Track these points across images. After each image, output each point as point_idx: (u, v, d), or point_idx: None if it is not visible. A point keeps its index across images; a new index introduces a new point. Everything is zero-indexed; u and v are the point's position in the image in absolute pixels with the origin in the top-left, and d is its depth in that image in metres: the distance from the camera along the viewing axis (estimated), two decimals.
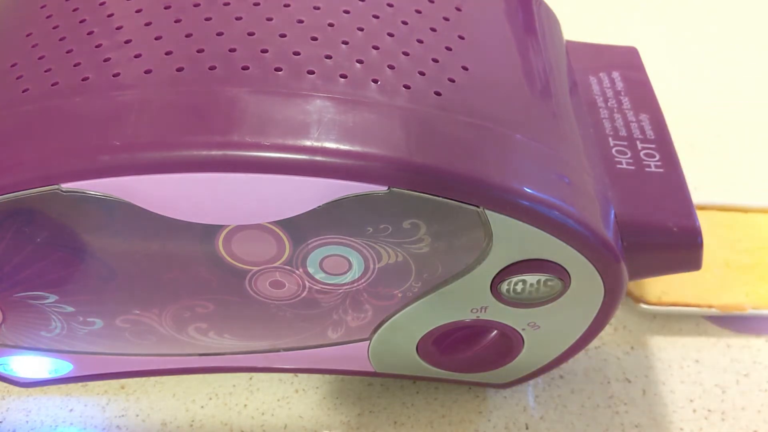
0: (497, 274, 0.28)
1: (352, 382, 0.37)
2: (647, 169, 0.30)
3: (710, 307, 0.39)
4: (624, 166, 0.30)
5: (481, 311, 0.30)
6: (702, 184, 0.46)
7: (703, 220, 0.42)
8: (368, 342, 0.32)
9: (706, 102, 0.50)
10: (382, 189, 0.24)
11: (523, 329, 0.31)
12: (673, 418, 0.37)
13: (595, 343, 0.39)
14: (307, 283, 0.28)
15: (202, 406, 0.36)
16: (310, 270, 0.28)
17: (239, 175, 0.24)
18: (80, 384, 0.37)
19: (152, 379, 0.37)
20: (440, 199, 0.25)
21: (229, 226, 0.26)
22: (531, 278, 0.28)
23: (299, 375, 0.37)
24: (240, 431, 0.36)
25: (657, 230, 0.29)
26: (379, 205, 0.25)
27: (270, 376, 0.37)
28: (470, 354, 0.33)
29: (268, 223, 0.25)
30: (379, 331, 0.31)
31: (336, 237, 0.26)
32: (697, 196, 0.45)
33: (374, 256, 0.27)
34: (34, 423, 0.36)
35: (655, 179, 0.30)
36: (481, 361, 0.34)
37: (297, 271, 0.28)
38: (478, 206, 0.25)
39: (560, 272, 0.27)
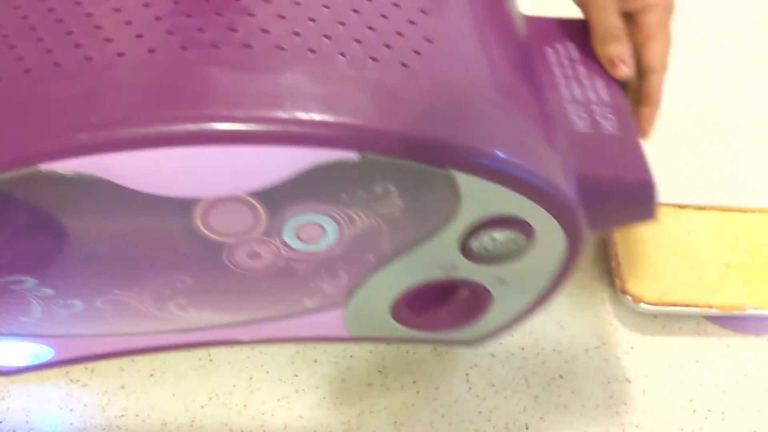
0: (466, 233, 0.29)
1: (352, 382, 0.37)
2: (604, 131, 0.32)
3: (710, 307, 0.39)
4: (582, 128, 0.32)
5: (451, 270, 0.31)
6: (702, 184, 0.46)
7: (703, 220, 0.43)
8: (343, 308, 0.33)
9: (706, 103, 0.50)
10: (354, 155, 0.25)
11: (492, 286, 0.32)
12: (673, 418, 0.37)
13: (594, 343, 0.39)
14: (283, 253, 0.29)
15: (202, 406, 0.36)
16: (286, 239, 0.28)
17: (214, 148, 0.24)
18: (80, 384, 0.37)
19: (152, 378, 0.37)
20: (410, 162, 0.26)
21: (206, 199, 0.26)
22: (498, 235, 0.29)
23: (299, 375, 0.37)
24: (240, 431, 0.36)
25: (614, 185, 0.30)
26: (352, 171, 0.26)
27: (270, 376, 0.37)
28: (442, 313, 0.35)
29: (245, 194, 0.26)
30: (354, 296, 0.32)
31: (310, 205, 0.27)
32: (697, 196, 0.45)
33: (348, 222, 0.28)
34: (34, 423, 0.36)
35: (612, 139, 0.31)
36: (452, 320, 0.35)
37: (274, 241, 0.28)
38: (446, 168, 0.26)
39: (525, 227, 0.29)
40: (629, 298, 0.39)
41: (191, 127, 0.24)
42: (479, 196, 0.27)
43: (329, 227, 0.28)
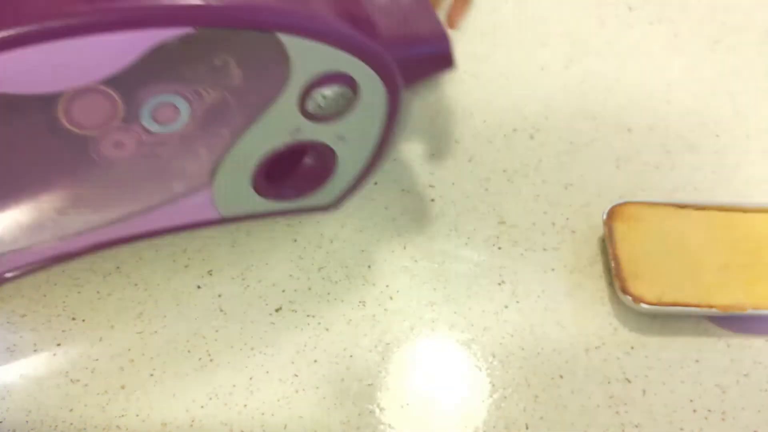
0: (301, 93, 0.33)
1: (352, 382, 0.37)
2: (401, 2, 0.37)
3: (710, 307, 0.39)
4: (382, 1, 0.37)
5: (296, 133, 0.35)
6: (702, 184, 0.46)
7: (703, 220, 0.43)
8: (210, 188, 0.37)
9: (706, 103, 0.50)
10: (190, 30, 0.28)
11: (334, 143, 0.37)
12: (673, 418, 0.37)
13: (595, 342, 0.39)
14: (144, 138, 0.32)
15: (202, 406, 0.36)
16: (145, 123, 0.31)
17: (64, 41, 0.26)
18: (80, 384, 0.37)
19: (152, 378, 0.37)
20: (241, 31, 0.29)
21: (64, 93, 0.28)
22: (328, 91, 0.33)
23: (299, 375, 0.37)
24: (240, 431, 0.36)
25: (415, 40, 0.36)
26: (191, 46, 0.28)
27: (270, 376, 0.37)
28: (297, 179, 0.39)
29: (99, 83, 0.29)
30: (217, 174, 0.36)
31: (160, 85, 0.30)
32: (697, 196, 0.45)
33: (197, 98, 0.31)
34: (34, 423, 0.36)
35: (409, 6, 0.37)
36: (307, 184, 0.40)
37: (134, 128, 0.31)
38: (273, 32, 0.29)
39: (350, 82, 0.33)
40: (629, 298, 0.39)
41: (42, 24, 0.26)
42: (306, 56, 0.31)
43: (181, 106, 0.31)
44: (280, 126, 0.34)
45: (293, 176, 0.39)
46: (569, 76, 0.51)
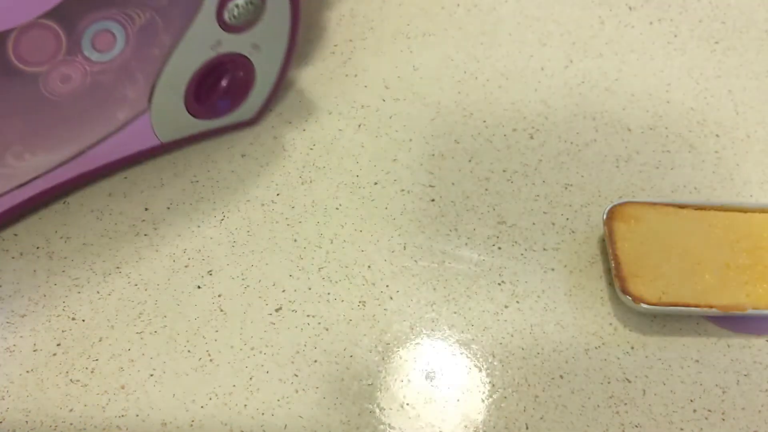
0: (218, 5, 0.37)
1: (352, 382, 0.37)
2: None
3: (710, 307, 0.39)
4: None
5: (218, 46, 0.40)
6: (702, 184, 0.46)
7: (703, 220, 0.43)
8: (148, 112, 0.41)
9: (706, 102, 0.51)
10: None
11: (251, 54, 0.42)
12: (673, 418, 0.37)
13: (595, 342, 0.39)
14: (87, 68, 0.36)
15: (202, 406, 0.36)
16: (86, 53, 0.35)
17: None
18: (80, 384, 0.37)
19: (152, 378, 0.37)
20: None
21: (13, 30, 0.31)
22: (240, 0, 0.38)
23: (299, 375, 0.37)
24: (240, 431, 0.36)
25: None
26: None
27: (270, 376, 0.37)
28: (223, 94, 0.44)
29: (42, 18, 0.32)
30: (154, 97, 0.40)
31: (96, 13, 0.34)
32: (697, 196, 0.45)
33: (130, 22, 0.35)
34: (33, 423, 0.36)
35: None
36: (232, 97, 0.44)
37: (77, 59, 0.35)
38: None
39: None
40: (629, 298, 0.39)
41: None
42: None
43: (117, 31, 0.35)
44: (202, 41, 0.39)
45: (219, 92, 0.44)
46: (569, 76, 0.51)
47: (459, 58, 0.52)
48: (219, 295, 0.40)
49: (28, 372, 0.37)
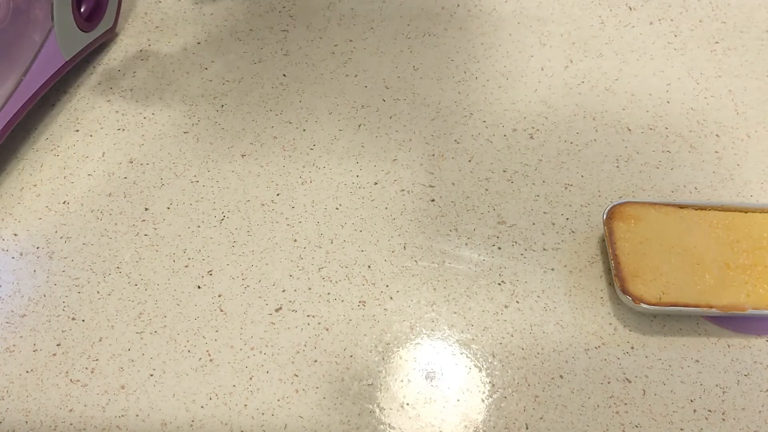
0: None
1: (352, 382, 0.37)
2: None
3: (710, 307, 0.39)
4: None
5: None
6: (702, 184, 0.46)
7: (703, 220, 0.43)
8: (53, 30, 0.47)
9: (706, 102, 0.51)
10: None
11: None
12: (673, 418, 0.37)
13: (595, 342, 0.39)
14: None
15: (202, 406, 0.36)
16: None
17: None
18: (80, 384, 0.37)
19: (152, 378, 0.37)
20: None
21: None
22: None
23: (299, 375, 0.37)
24: (240, 431, 0.36)
25: None
26: None
27: (270, 376, 0.37)
28: (93, 6, 0.52)
29: None
30: (54, 13, 0.46)
31: None
32: (697, 196, 0.45)
33: None
34: (33, 423, 0.36)
35: None
36: (97, 7, 0.53)
37: None
38: None
39: None
40: (629, 298, 0.39)
41: None
42: None
43: None
44: None
45: (90, 5, 0.53)
46: (569, 76, 0.51)
47: (459, 58, 0.52)
48: (219, 295, 0.40)
49: (28, 372, 0.37)
